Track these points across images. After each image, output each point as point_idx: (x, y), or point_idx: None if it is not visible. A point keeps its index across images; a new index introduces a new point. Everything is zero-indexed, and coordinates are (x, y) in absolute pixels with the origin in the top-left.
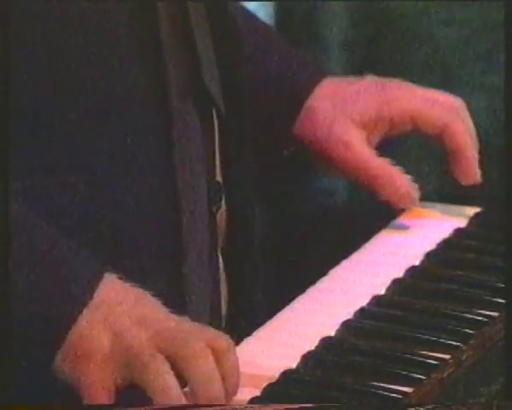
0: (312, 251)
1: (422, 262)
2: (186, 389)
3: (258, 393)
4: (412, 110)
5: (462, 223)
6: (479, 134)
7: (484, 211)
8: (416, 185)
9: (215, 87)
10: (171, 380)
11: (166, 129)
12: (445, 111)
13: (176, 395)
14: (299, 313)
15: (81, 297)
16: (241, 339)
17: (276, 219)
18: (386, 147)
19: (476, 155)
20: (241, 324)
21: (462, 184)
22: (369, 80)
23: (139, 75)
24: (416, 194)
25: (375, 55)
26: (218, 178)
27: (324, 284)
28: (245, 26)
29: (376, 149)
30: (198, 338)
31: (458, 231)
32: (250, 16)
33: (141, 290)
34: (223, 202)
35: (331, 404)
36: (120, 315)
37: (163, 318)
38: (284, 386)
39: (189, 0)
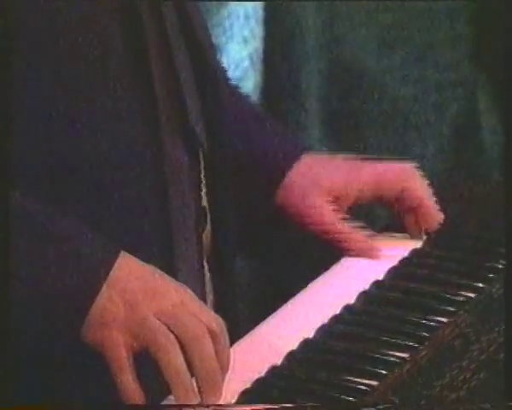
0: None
1: (385, 277)
2: None
3: (248, 385)
4: (374, 182)
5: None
6: (431, 176)
7: (436, 235)
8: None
9: (200, 128)
10: (180, 360)
11: (160, 163)
12: (401, 175)
13: (181, 368)
14: (282, 320)
15: (100, 274)
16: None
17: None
18: None
19: (434, 202)
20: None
21: (429, 229)
22: (340, 159)
23: (136, 120)
24: (379, 252)
25: (346, 109)
26: (204, 203)
27: (303, 295)
28: (236, 105)
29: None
30: (199, 321)
31: (414, 251)
32: (241, 95)
33: (152, 267)
34: (208, 223)
35: (309, 403)
36: (135, 290)
37: (173, 292)
38: (270, 380)
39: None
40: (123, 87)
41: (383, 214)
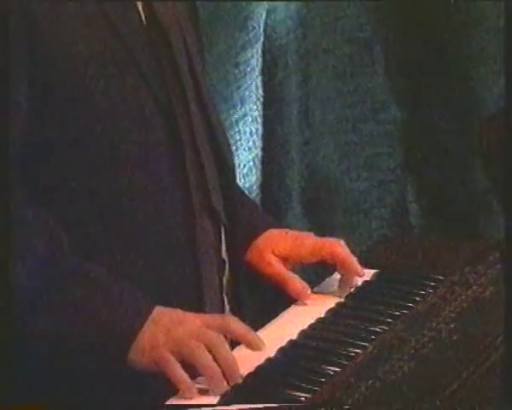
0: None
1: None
2: None
3: (252, 369)
4: (312, 249)
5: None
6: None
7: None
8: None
9: (219, 205)
10: (210, 359)
11: (193, 231)
12: (333, 246)
13: (213, 367)
14: (275, 328)
15: (144, 316)
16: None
17: None
18: None
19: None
20: None
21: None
22: (292, 233)
23: (176, 202)
24: (307, 291)
25: (318, 198)
26: (224, 256)
27: (284, 316)
28: (240, 195)
29: None
30: (218, 334)
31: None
32: (245, 195)
33: (178, 310)
34: (226, 271)
35: (292, 404)
36: (168, 322)
37: (195, 319)
38: (266, 367)
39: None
40: (167, 181)
41: None
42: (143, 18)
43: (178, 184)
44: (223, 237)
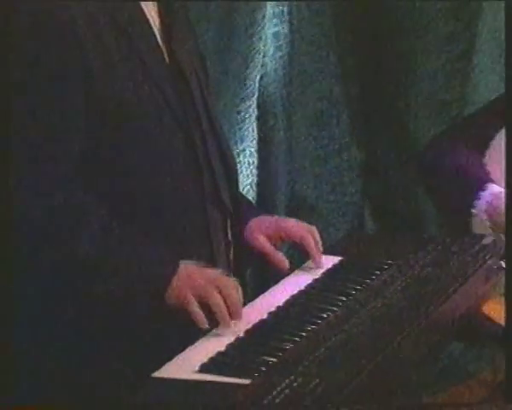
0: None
1: (311, 283)
2: None
3: (241, 334)
4: (288, 232)
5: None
6: None
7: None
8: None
9: (226, 199)
10: (219, 299)
11: (205, 221)
12: (304, 233)
13: (221, 305)
14: (251, 308)
15: (175, 267)
16: None
17: None
18: None
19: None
20: None
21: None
22: (277, 218)
23: (192, 197)
24: (286, 264)
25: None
26: (230, 238)
27: (261, 298)
28: (240, 197)
29: None
30: (228, 282)
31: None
32: (243, 195)
33: (197, 264)
34: (231, 249)
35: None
36: (192, 273)
37: (212, 272)
38: (243, 338)
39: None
40: (187, 182)
41: None
42: (166, 58)
43: (196, 185)
44: (228, 223)
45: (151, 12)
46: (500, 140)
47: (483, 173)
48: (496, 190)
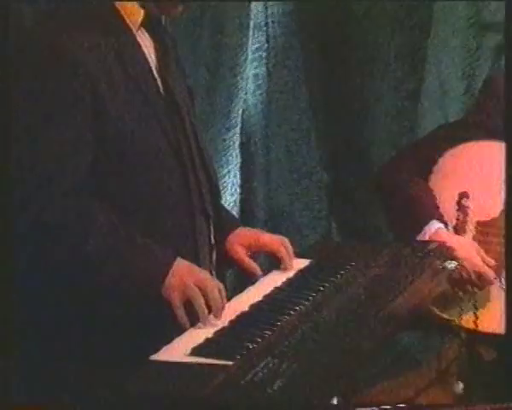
0: None
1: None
2: None
3: (226, 323)
4: (263, 244)
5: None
6: None
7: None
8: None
9: (210, 210)
10: (202, 302)
11: (193, 227)
12: (277, 245)
13: (202, 307)
14: (235, 302)
15: (169, 265)
16: None
17: None
18: None
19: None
20: None
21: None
22: (254, 231)
23: (184, 211)
24: (258, 272)
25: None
26: (212, 241)
27: (243, 294)
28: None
29: None
30: (212, 283)
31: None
32: (225, 207)
33: (189, 263)
34: (214, 252)
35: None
36: (182, 273)
37: (200, 272)
38: (228, 327)
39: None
40: (178, 195)
41: None
42: (161, 89)
43: (185, 197)
44: (211, 229)
45: (149, 49)
46: (441, 164)
47: (428, 205)
48: (436, 226)
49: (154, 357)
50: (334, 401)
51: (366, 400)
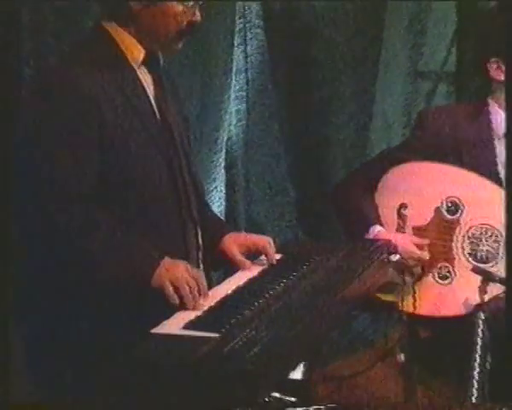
0: None
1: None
2: None
3: (213, 303)
4: (252, 244)
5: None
6: None
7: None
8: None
9: (197, 215)
10: (187, 290)
11: (184, 230)
12: (264, 244)
13: (188, 296)
14: (221, 287)
15: (158, 261)
16: None
17: None
18: None
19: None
20: None
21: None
22: (244, 234)
23: (175, 218)
24: (249, 265)
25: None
26: (200, 243)
27: (228, 280)
28: (210, 212)
29: None
30: (198, 275)
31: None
32: (212, 210)
33: (179, 260)
34: (201, 252)
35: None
36: (171, 266)
37: (185, 266)
38: (214, 306)
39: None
40: (169, 204)
41: None
42: (158, 116)
43: (176, 207)
44: (199, 232)
45: (148, 83)
46: (385, 181)
47: (372, 214)
48: (378, 229)
49: (155, 330)
50: (301, 368)
51: (327, 372)
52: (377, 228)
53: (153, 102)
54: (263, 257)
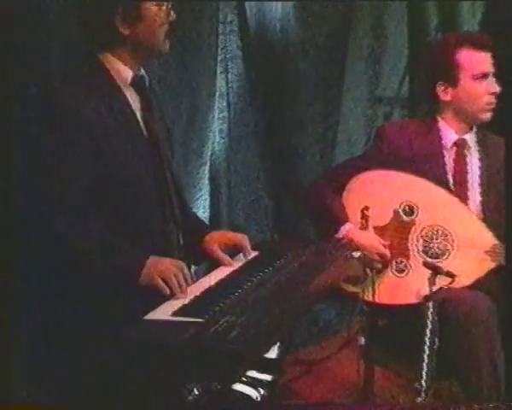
0: None
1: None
2: None
3: (198, 293)
4: (230, 241)
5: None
6: None
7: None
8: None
9: (179, 218)
10: (175, 282)
11: (167, 232)
12: (240, 240)
13: (175, 286)
14: (206, 279)
15: (146, 259)
16: None
17: None
18: None
19: (248, 250)
20: None
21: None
22: (222, 232)
23: (159, 219)
24: (231, 263)
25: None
26: (181, 242)
27: (212, 274)
28: (191, 212)
29: None
30: (183, 266)
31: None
32: (193, 212)
33: (163, 257)
34: (183, 250)
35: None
36: (157, 263)
37: (171, 261)
38: (200, 296)
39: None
40: (155, 209)
41: None
42: (145, 133)
43: (159, 209)
44: (180, 233)
45: (135, 102)
46: (349, 186)
47: (341, 214)
48: (349, 226)
49: (147, 317)
50: (275, 349)
51: (299, 356)
52: (348, 226)
53: (139, 118)
54: (241, 255)
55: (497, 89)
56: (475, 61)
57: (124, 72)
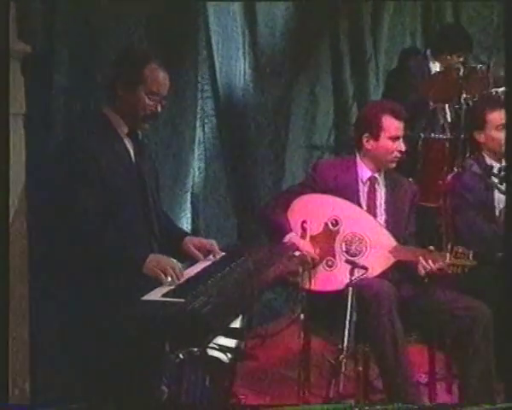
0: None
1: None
2: None
3: (182, 281)
4: (203, 245)
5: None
6: None
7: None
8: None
9: (158, 226)
10: (171, 272)
11: (150, 240)
12: (211, 245)
13: (171, 274)
14: (189, 270)
15: (147, 255)
16: None
17: None
18: None
19: (217, 251)
20: None
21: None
22: (198, 238)
23: (142, 228)
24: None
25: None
26: (156, 248)
27: (193, 267)
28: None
29: None
30: (176, 262)
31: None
32: (171, 219)
33: (159, 254)
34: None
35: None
36: (155, 259)
37: (164, 258)
38: (183, 282)
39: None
40: (139, 227)
41: None
42: (136, 173)
43: (145, 228)
44: (158, 238)
45: (130, 148)
46: (295, 203)
47: (286, 226)
48: (292, 235)
49: (144, 298)
50: (238, 322)
51: (256, 331)
52: (292, 234)
53: (133, 161)
54: (211, 256)
55: (404, 148)
56: (393, 127)
57: (122, 125)
